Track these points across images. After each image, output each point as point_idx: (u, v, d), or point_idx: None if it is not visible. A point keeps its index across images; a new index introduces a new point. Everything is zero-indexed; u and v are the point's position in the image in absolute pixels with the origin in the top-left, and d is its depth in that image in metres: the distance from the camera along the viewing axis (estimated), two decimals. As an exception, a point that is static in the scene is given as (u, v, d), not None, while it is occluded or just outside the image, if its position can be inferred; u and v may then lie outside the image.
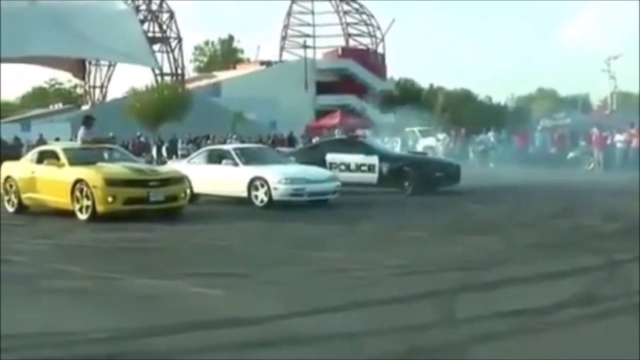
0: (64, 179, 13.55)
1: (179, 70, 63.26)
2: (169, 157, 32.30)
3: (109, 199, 12.99)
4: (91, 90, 66.01)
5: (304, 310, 6.48)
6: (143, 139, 38.01)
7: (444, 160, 22.19)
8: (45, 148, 15.91)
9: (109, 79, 66.08)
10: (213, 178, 15.98)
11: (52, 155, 14.29)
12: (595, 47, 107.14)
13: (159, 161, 31.09)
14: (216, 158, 16.55)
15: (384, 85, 70.65)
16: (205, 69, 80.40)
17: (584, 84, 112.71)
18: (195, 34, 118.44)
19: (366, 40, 74.11)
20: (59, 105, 68.68)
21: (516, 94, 77.38)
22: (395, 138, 37.08)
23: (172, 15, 63.70)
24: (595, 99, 63.01)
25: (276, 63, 69.05)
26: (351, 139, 22.04)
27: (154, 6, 64.16)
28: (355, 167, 18.38)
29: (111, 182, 13.10)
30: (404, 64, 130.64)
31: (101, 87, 66.09)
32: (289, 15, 72.71)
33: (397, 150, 28.43)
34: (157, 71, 57.87)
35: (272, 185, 15.03)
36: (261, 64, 69.24)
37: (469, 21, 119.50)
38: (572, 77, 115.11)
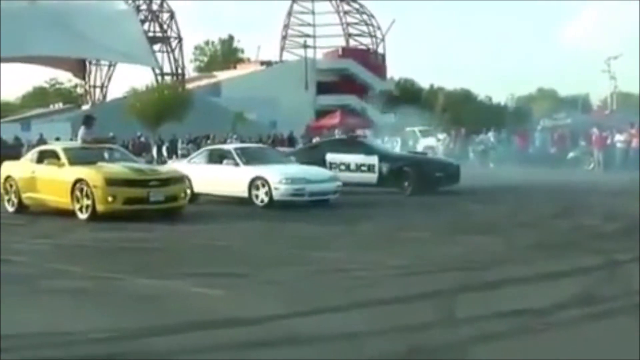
0: (64, 178, 13.55)
1: (179, 70, 63.26)
2: (169, 157, 32.31)
3: (109, 199, 13.00)
4: (91, 90, 65.97)
5: (304, 310, 6.48)
6: (143, 138, 38.01)
7: (443, 160, 22.18)
8: (45, 148, 15.90)
9: (109, 78, 66.09)
10: (214, 178, 15.98)
11: (53, 155, 14.29)
12: (596, 47, 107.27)
13: (159, 161, 31.07)
14: (217, 158, 16.53)
15: (384, 86, 70.62)
16: (206, 68, 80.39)
17: (584, 84, 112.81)
18: (196, 33, 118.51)
19: (366, 41, 74.15)
20: (59, 105, 68.65)
21: (516, 94, 77.39)
22: (395, 138, 37.07)
23: (173, 15, 63.73)
24: (595, 99, 63.07)
25: (276, 63, 69.03)
26: (351, 139, 22.01)
27: (154, 6, 64.17)
28: (355, 167, 18.37)
29: (111, 182, 13.10)
30: (404, 64, 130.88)
31: (101, 87, 66.06)
32: (290, 15, 72.69)
33: (397, 150, 28.43)
34: (158, 71, 57.95)
35: (273, 185, 15.02)
36: (261, 63, 69.22)
37: (469, 21, 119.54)
38: (572, 77, 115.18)
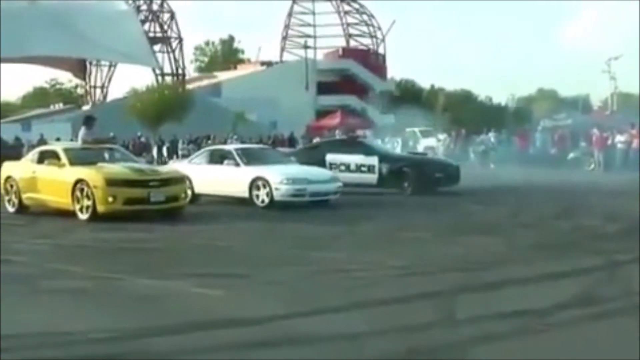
0: (65, 179, 13.55)
1: (180, 71, 63.36)
2: (170, 157, 32.34)
3: (110, 199, 13.00)
4: (92, 90, 66.06)
5: (304, 310, 6.49)
6: (144, 139, 38.07)
7: (443, 161, 22.17)
8: (45, 148, 15.90)
9: (110, 79, 66.23)
10: (214, 178, 15.98)
11: (53, 155, 14.29)
12: (596, 48, 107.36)
13: (160, 161, 31.11)
14: (218, 158, 16.52)
15: (385, 86, 70.67)
16: (206, 69, 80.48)
17: (585, 85, 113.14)
18: (196, 34, 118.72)
19: (367, 41, 74.27)
20: (59, 106, 68.77)
21: (516, 95, 77.59)
22: (395, 138, 37.09)
23: (173, 16, 63.85)
24: (596, 99, 63.18)
25: (277, 63, 69.08)
26: (351, 140, 22.03)
27: (154, 6, 64.30)
28: (355, 168, 18.37)
29: (112, 182, 13.09)
30: (405, 64, 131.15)
31: (102, 87, 66.18)
32: (290, 16, 72.77)
33: (398, 150, 28.44)
34: (158, 71, 57.86)
35: (274, 185, 15.00)
36: (262, 64, 69.30)
37: (469, 21, 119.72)
38: (573, 78, 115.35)
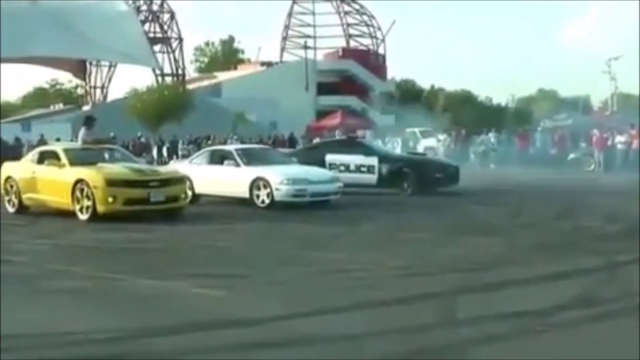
0: (65, 179, 13.55)
1: (180, 71, 63.32)
2: (170, 158, 32.33)
3: (110, 200, 12.99)
4: (92, 90, 66.03)
5: (304, 311, 6.48)
6: (144, 139, 38.04)
7: (443, 161, 22.18)
8: (45, 148, 15.89)
9: (110, 79, 66.18)
10: (215, 179, 15.97)
11: (53, 156, 14.28)
12: (596, 48, 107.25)
13: (160, 162, 31.10)
14: (218, 159, 16.51)
15: (385, 86, 70.65)
16: (206, 69, 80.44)
17: (585, 85, 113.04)
18: (196, 34, 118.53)
19: (367, 41, 74.19)
20: (59, 106, 68.72)
21: (517, 95, 77.42)
22: (395, 139, 37.05)
23: (173, 16, 63.81)
24: (596, 100, 63.07)
25: (277, 64, 69.05)
26: (351, 140, 22.04)
27: (154, 7, 64.25)
28: (355, 168, 18.36)
29: (112, 183, 13.09)
30: (405, 64, 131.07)
31: (102, 88, 66.14)
32: (290, 16, 72.72)
33: (398, 151, 28.44)
34: (158, 72, 57.94)
35: (274, 186, 14.99)
36: (262, 64, 69.26)
37: (469, 21, 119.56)
38: (573, 78, 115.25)
